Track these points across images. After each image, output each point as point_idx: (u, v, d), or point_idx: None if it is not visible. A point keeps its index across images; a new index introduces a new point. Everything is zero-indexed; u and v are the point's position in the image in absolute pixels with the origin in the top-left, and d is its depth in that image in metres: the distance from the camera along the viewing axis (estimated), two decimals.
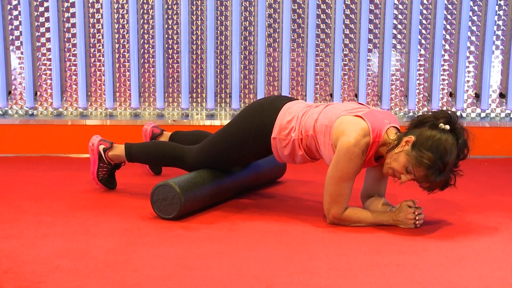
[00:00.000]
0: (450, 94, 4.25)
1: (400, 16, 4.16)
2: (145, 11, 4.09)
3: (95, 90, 4.15)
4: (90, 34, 4.09)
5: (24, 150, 4.07)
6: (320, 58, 4.17)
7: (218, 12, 4.12)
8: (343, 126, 2.58)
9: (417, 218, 2.60)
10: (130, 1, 4.03)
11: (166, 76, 4.17)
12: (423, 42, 4.19)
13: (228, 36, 4.14)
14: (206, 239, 2.46)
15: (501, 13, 4.17)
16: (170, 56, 4.15)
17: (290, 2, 4.09)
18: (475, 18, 4.17)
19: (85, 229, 2.57)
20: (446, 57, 4.21)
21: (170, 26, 4.12)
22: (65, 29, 4.07)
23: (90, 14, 4.07)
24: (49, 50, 4.07)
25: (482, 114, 4.30)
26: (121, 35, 4.10)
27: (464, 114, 4.28)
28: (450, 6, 4.15)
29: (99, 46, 4.10)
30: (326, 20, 4.14)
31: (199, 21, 4.12)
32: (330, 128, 2.62)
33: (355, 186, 2.73)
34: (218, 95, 4.20)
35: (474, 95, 4.27)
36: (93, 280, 2.04)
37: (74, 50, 4.09)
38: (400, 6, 4.15)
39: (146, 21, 4.10)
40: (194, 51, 4.15)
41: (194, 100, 4.21)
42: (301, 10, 4.13)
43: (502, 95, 4.27)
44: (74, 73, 4.11)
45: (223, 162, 2.93)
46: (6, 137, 4.06)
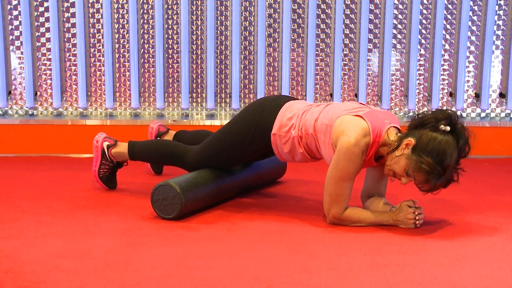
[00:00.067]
0: (450, 94, 4.25)
1: (400, 16, 4.16)
2: (145, 11, 4.09)
3: (95, 90, 4.15)
4: (90, 34, 4.09)
5: (24, 150, 4.07)
6: (320, 58, 4.17)
7: (218, 12, 4.12)
8: (344, 126, 2.58)
9: (417, 218, 2.60)
10: (130, 1, 4.03)
11: (166, 76, 4.17)
12: (423, 42, 4.19)
13: (228, 36, 4.14)
14: (206, 239, 2.46)
15: (501, 13, 4.17)
16: (170, 56, 4.15)
17: (290, 2, 4.09)
18: (475, 18, 4.17)
19: (85, 229, 2.57)
20: (446, 57, 4.21)
21: (170, 26, 4.12)
22: (65, 29, 4.08)
23: (90, 14, 4.07)
24: (49, 50, 4.07)
25: (482, 114, 4.30)
26: (121, 35, 4.10)
27: (464, 114, 4.28)
28: (450, 6, 4.15)
29: (99, 46, 4.10)
30: (326, 20, 4.14)
31: (199, 21, 4.12)
32: (331, 127, 2.62)
33: (355, 186, 2.73)
34: (218, 95, 4.20)
35: (474, 95, 4.27)
36: (93, 280, 2.04)
37: (74, 50, 4.09)
38: (400, 6, 4.15)
39: (146, 21, 4.10)
40: (194, 51, 4.15)
41: (194, 100, 4.21)
42: (301, 10, 4.13)
43: (502, 95, 4.27)
44: (74, 73, 4.11)
45: (224, 161, 2.93)
46: (6, 137, 4.06)
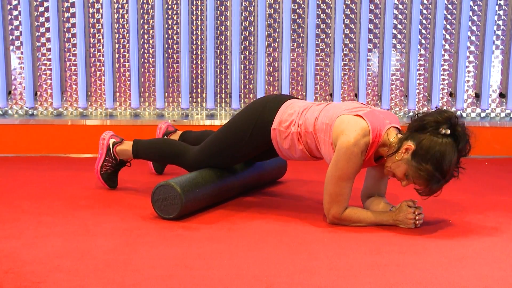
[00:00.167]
0: (450, 94, 4.25)
1: (400, 16, 4.16)
2: (145, 11, 4.09)
3: (95, 90, 4.15)
4: (90, 34, 4.09)
5: (24, 150, 4.07)
6: (320, 58, 4.17)
7: (218, 12, 4.11)
8: (343, 126, 2.58)
9: (417, 218, 2.60)
10: (130, 1, 4.03)
11: (166, 76, 4.17)
12: (423, 42, 4.19)
13: (228, 36, 4.14)
14: (206, 239, 2.46)
15: (501, 13, 4.17)
16: (170, 56, 4.15)
17: (290, 2, 4.09)
18: (475, 18, 4.17)
19: (85, 229, 2.57)
20: (446, 57, 4.21)
21: (170, 26, 4.12)
22: (65, 29, 4.07)
23: (90, 14, 4.07)
24: (49, 50, 4.07)
25: (482, 114, 4.30)
26: (121, 35, 4.10)
27: (464, 114, 4.28)
28: (450, 6, 4.15)
29: (99, 46, 4.10)
30: (326, 20, 4.14)
31: (199, 21, 4.12)
32: (331, 126, 2.62)
33: (355, 186, 2.73)
34: (218, 95, 4.20)
35: (474, 95, 4.27)
36: (93, 280, 2.04)
37: (74, 50, 4.09)
38: (400, 6, 4.15)
39: (146, 21, 4.10)
40: (194, 51, 4.15)
41: (194, 100, 4.21)
42: (301, 10, 4.13)
43: (502, 95, 4.27)
44: (74, 73, 4.11)
45: (225, 159, 2.93)
46: (6, 137, 4.06)
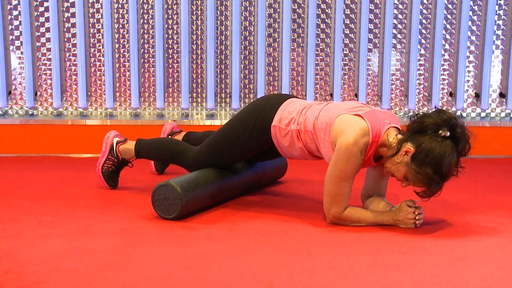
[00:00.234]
0: (450, 94, 4.25)
1: (400, 16, 4.16)
2: (145, 11, 4.09)
3: (95, 90, 4.15)
4: (90, 34, 4.09)
5: (24, 150, 4.07)
6: (320, 58, 4.17)
7: (218, 12, 4.11)
8: (343, 125, 2.58)
9: (417, 218, 2.60)
10: (130, 1, 4.03)
11: (166, 76, 4.17)
12: (423, 42, 4.19)
13: (228, 36, 4.14)
14: (206, 239, 2.46)
15: (501, 13, 4.17)
16: (170, 56, 4.15)
17: (290, 2, 4.09)
18: (475, 18, 4.17)
19: (85, 229, 2.57)
20: (446, 57, 4.21)
21: (170, 26, 4.12)
22: (65, 29, 4.07)
23: (90, 14, 4.07)
24: (49, 50, 4.07)
25: (482, 114, 4.30)
26: (121, 35, 4.10)
27: (464, 114, 4.28)
28: (450, 6, 4.15)
29: (99, 46, 4.10)
30: (326, 20, 4.14)
31: (199, 21, 4.12)
32: (330, 126, 2.62)
33: (355, 186, 2.73)
34: (218, 95, 4.20)
35: (474, 95, 4.27)
36: (93, 280, 2.04)
37: (74, 50, 4.09)
38: (400, 6, 4.15)
39: (146, 21, 4.10)
40: (194, 51, 4.15)
41: (194, 100, 4.21)
42: (301, 10, 4.13)
43: (502, 95, 4.27)
44: (74, 73, 4.11)
45: (225, 157, 2.92)
46: (6, 137, 4.06)
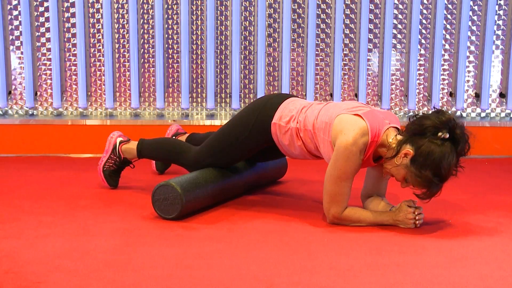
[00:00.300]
0: (450, 94, 4.25)
1: (400, 16, 4.16)
2: (145, 11, 4.09)
3: (95, 90, 4.15)
4: (90, 34, 4.09)
5: (24, 150, 4.07)
6: (320, 58, 4.17)
7: (218, 12, 4.11)
8: (342, 125, 2.58)
9: (417, 218, 2.60)
10: (130, 1, 4.03)
11: (166, 76, 4.17)
12: (423, 42, 4.19)
13: (228, 36, 4.14)
14: (206, 239, 2.46)
15: (501, 13, 4.17)
16: (170, 56, 4.15)
17: (290, 2, 4.08)
18: (475, 18, 4.17)
19: (85, 229, 2.57)
20: (446, 57, 4.21)
21: (170, 26, 4.12)
22: (65, 29, 4.07)
23: (90, 14, 4.07)
24: (49, 50, 4.07)
25: (482, 114, 4.30)
26: (121, 35, 4.10)
27: (464, 114, 4.28)
28: (450, 6, 4.15)
29: (99, 46, 4.10)
30: (326, 20, 4.14)
31: (199, 21, 4.12)
32: (330, 125, 2.62)
33: (355, 186, 2.73)
34: (218, 95, 4.20)
35: (474, 95, 4.27)
36: (93, 280, 2.04)
37: (74, 50, 4.09)
38: (400, 6, 4.15)
39: (146, 21, 4.10)
40: (194, 51, 4.15)
41: (194, 100, 4.21)
42: (301, 10, 4.13)
43: (502, 95, 4.27)
44: (74, 73, 4.11)
45: (226, 155, 2.92)
46: (6, 137, 4.06)
